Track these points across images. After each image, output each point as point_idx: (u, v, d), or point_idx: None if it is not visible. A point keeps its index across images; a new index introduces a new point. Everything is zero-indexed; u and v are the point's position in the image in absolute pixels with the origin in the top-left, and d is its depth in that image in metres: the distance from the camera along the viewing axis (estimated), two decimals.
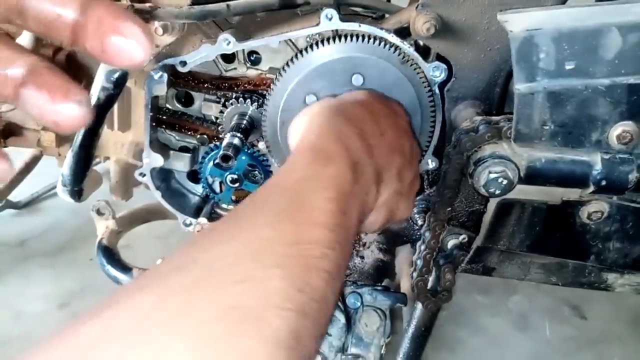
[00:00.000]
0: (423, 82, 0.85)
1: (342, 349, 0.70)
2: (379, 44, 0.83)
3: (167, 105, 1.01)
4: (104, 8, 0.35)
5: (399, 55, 0.84)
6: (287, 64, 0.87)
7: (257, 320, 0.42)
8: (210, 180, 1.05)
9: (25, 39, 0.92)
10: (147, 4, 0.81)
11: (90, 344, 0.39)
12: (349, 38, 0.84)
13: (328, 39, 0.85)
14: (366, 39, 0.84)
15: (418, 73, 0.85)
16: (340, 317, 0.69)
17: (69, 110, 0.35)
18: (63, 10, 0.35)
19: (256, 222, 0.50)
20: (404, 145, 0.73)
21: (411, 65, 0.84)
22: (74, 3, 0.35)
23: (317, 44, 0.85)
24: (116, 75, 0.88)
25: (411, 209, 0.76)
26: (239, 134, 0.90)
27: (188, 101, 1.01)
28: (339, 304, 0.71)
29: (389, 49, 0.83)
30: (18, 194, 2.16)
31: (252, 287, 0.44)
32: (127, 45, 0.35)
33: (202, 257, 0.46)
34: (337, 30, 0.85)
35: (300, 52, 0.86)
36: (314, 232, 0.51)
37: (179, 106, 1.01)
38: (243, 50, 0.93)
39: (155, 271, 0.47)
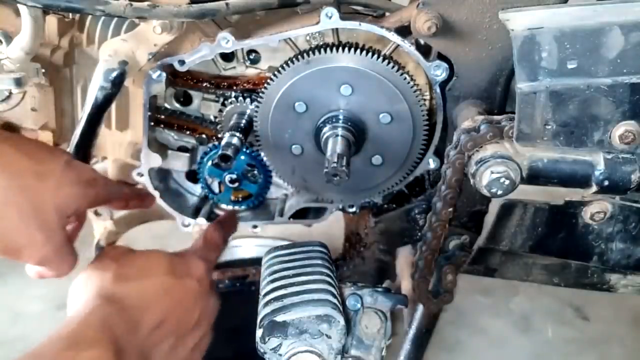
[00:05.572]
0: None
1: (342, 351, 0.70)
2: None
3: (166, 105, 1.00)
4: None
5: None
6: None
7: None
8: (209, 180, 1.04)
9: (24, 38, 0.92)
10: (146, 3, 0.80)
11: None
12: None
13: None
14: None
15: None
16: (340, 319, 0.68)
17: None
18: None
19: None
20: (187, 317, 0.76)
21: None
22: None
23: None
24: (114, 74, 0.87)
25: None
26: (238, 134, 0.90)
27: (187, 100, 1.00)
28: (339, 305, 0.70)
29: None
30: None
31: None
32: None
33: None
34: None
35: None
36: None
37: (177, 105, 1.00)
38: (242, 49, 0.92)
39: None
